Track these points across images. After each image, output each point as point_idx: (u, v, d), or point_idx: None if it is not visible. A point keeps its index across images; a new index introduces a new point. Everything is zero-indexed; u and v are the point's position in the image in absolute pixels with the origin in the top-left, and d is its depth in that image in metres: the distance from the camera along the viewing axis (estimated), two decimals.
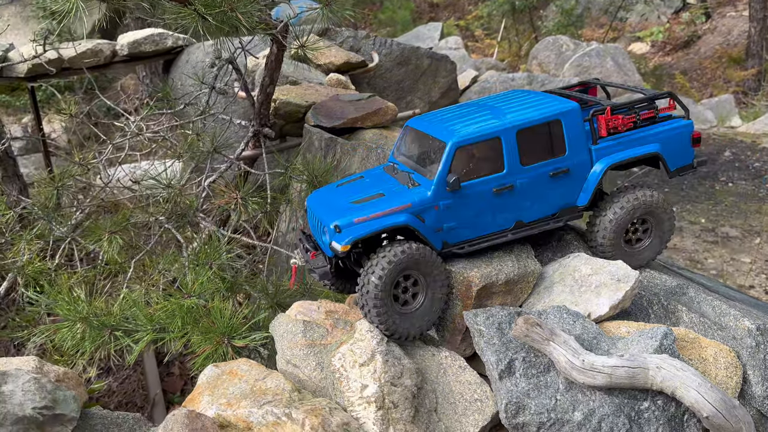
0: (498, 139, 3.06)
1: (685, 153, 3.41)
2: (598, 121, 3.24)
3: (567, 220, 3.30)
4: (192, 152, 6.07)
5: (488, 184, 3.08)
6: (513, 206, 3.16)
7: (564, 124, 3.14)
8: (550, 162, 3.15)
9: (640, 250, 3.41)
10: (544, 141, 3.13)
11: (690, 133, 3.40)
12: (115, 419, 2.71)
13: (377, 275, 2.82)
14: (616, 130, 3.27)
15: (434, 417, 2.78)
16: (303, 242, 3.43)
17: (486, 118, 3.15)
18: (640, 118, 3.31)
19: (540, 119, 3.11)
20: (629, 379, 2.59)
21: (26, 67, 8.12)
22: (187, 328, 3.98)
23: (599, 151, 3.25)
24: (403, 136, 3.50)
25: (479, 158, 3.09)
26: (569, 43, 17.41)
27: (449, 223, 3.08)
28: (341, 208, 3.10)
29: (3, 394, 1.97)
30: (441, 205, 3.04)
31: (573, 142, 3.17)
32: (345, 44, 8.78)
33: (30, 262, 5.34)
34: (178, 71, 9.09)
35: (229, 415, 2.54)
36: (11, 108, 14.86)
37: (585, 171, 3.25)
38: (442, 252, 3.09)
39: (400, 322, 2.92)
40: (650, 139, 3.31)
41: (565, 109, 3.16)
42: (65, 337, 4.19)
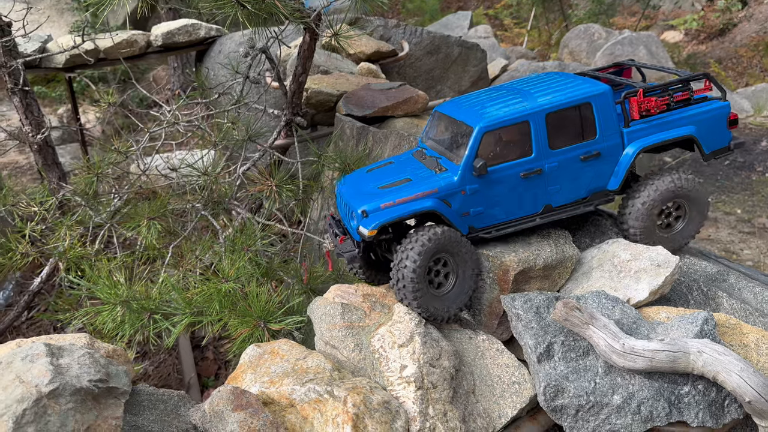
0: (527, 122, 3.04)
1: (721, 135, 3.33)
2: (630, 103, 3.21)
3: (598, 204, 3.26)
4: (226, 141, 6.16)
5: (516, 169, 3.07)
6: (541, 190, 3.13)
7: (594, 106, 3.10)
8: (581, 145, 3.12)
9: (674, 234, 3.36)
10: (574, 124, 3.10)
11: (726, 114, 3.32)
12: (161, 396, 2.78)
13: (412, 259, 2.84)
14: (649, 113, 3.22)
15: (472, 398, 2.80)
16: (332, 227, 3.47)
17: (515, 102, 3.12)
18: (674, 100, 3.25)
19: (570, 102, 3.08)
20: (670, 363, 2.58)
21: (64, 57, 8.30)
22: (224, 312, 4.06)
23: (631, 134, 3.20)
24: (432, 120, 3.49)
25: (507, 142, 3.08)
26: (601, 32, 17.15)
27: (476, 208, 3.08)
28: (369, 193, 3.12)
29: (61, 366, 2.05)
30: (468, 190, 3.04)
31: (604, 125, 3.13)
32: (375, 33, 8.79)
33: (71, 248, 5.48)
34: (210, 61, 9.20)
35: (272, 392, 2.59)
36: (47, 99, 15.20)
37: (617, 154, 3.20)
38: (469, 236, 3.10)
39: (435, 305, 2.95)
40: (684, 121, 3.25)
41: (596, 91, 3.12)
42: (106, 320, 4.30)
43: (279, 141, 6.27)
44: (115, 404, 2.14)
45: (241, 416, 2.35)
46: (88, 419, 2.01)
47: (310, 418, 2.49)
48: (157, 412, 2.66)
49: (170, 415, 2.66)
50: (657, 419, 2.63)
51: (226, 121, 6.27)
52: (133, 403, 2.64)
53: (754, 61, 18.19)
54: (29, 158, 12.23)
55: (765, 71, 17.52)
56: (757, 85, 16.08)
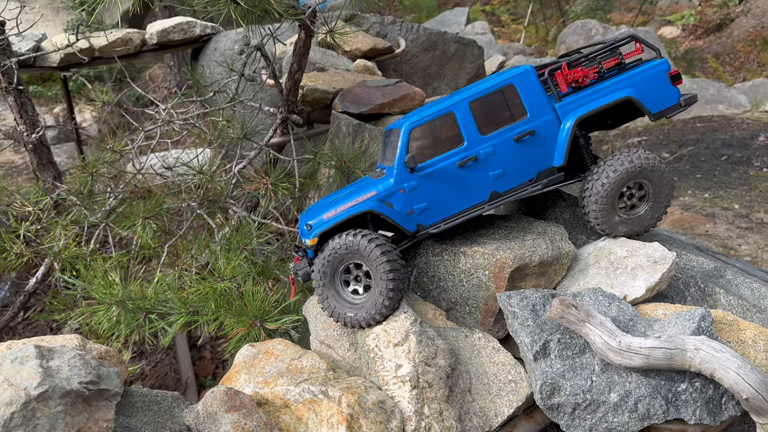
0: (451, 113, 3.12)
1: (665, 93, 3.27)
2: (556, 78, 3.22)
3: (547, 184, 3.22)
4: (222, 139, 6.13)
5: (451, 159, 3.12)
6: (482, 178, 3.16)
7: (518, 87, 3.15)
8: (512, 127, 3.15)
9: (637, 217, 3.26)
10: (500, 108, 3.15)
11: (665, 71, 3.26)
12: (155, 397, 2.76)
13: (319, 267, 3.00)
14: (579, 84, 3.22)
15: (468, 397, 2.78)
16: (294, 253, 3.52)
17: (442, 101, 3.22)
18: (603, 67, 3.23)
19: (490, 87, 3.15)
20: (667, 361, 2.57)
21: (59, 56, 8.26)
22: (220, 311, 4.04)
23: (564, 107, 3.20)
24: (381, 142, 3.59)
25: (438, 136, 3.14)
26: (598, 27, 17.12)
27: (419, 204, 3.12)
28: (317, 209, 3.23)
29: (50, 368, 2.02)
30: (406, 188, 3.10)
31: (532, 103, 3.16)
32: (371, 30, 8.75)
33: (66, 247, 5.45)
34: (206, 59, 9.16)
35: (267, 393, 2.57)
36: (43, 98, 15.14)
37: (554, 130, 3.20)
38: (418, 234, 3.14)
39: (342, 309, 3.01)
40: (620, 85, 3.21)
41: (515, 72, 3.17)
42: (101, 320, 4.28)
43: (275, 139, 6.24)
44: (107, 406, 2.12)
45: (234, 417, 2.33)
46: (78, 422, 1.99)
47: (304, 418, 2.47)
48: (151, 413, 2.64)
49: (164, 416, 2.64)
50: (654, 417, 2.61)
51: (221, 119, 6.23)
52: (126, 405, 2.62)
53: (751, 56, 18.18)
54: (25, 158, 12.18)
55: (762, 66, 17.51)
56: (754, 80, 16.08)
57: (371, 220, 3.17)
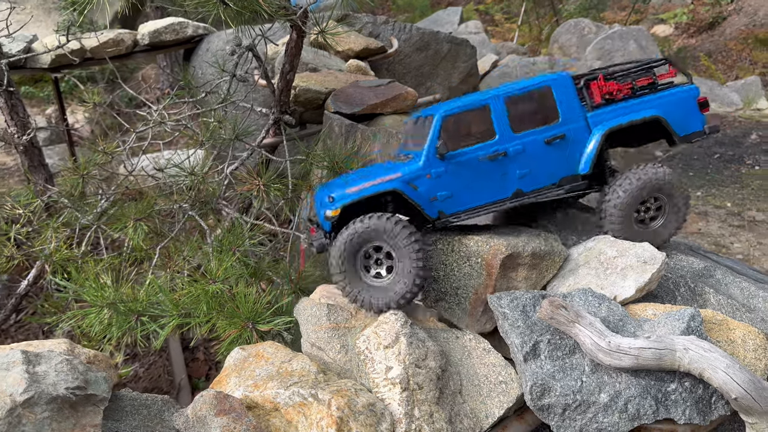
0: (487, 106, 3.16)
1: (692, 119, 3.36)
2: (590, 88, 3.29)
3: (569, 190, 3.29)
4: (214, 140, 6.11)
5: (480, 152, 3.17)
6: (509, 174, 3.21)
7: (554, 90, 3.20)
8: (544, 129, 3.21)
9: (655, 229, 3.35)
10: (535, 108, 3.19)
11: (694, 97, 3.35)
12: (144, 401, 2.75)
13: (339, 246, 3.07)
14: (612, 97, 3.30)
15: (459, 399, 2.78)
16: (308, 226, 3.61)
17: (479, 94, 3.27)
18: (636, 84, 3.31)
19: (528, 87, 3.20)
20: (656, 361, 2.57)
21: (50, 57, 8.22)
22: (212, 313, 4.02)
23: (595, 118, 3.27)
24: (405, 128, 3.64)
25: (470, 127, 3.18)
26: (591, 26, 17.15)
27: (443, 192, 3.16)
28: (338, 184, 3.26)
29: (37, 374, 2.01)
30: (433, 173, 3.14)
31: (566, 109, 3.22)
32: (364, 30, 8.74)
33: (57, 250, 5.42)
34: (198, 60, 9.14)
35: (256, 396, 2.57)
36: (35, 99, 15.06)
37: (583, 138, 3.26)
38: (439, 221, 3.19)
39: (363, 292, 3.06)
40: (650, 104, 3.30)
41: (554, 77, 3.24)
42: (93, 322, 4.25)
43: (267, 140, 6.22)
44: (94, 411, 2.11)
45: (223, 421, 2.32)
46: (64, 427, 1.98)
47: (294, 421, 2.46)
48: (140, 418, 2.63)
49: (153, 420, 2.63)
50: (644, 417, 2.62)
51: (213, 120, 6.21)
52: (115, 409, 2.60)
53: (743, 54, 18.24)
54: (16, 160, 12.12)
55: (754, 64, 17.58)
56: (746, 78, 16.13)
57: (392, 201, 3.22)
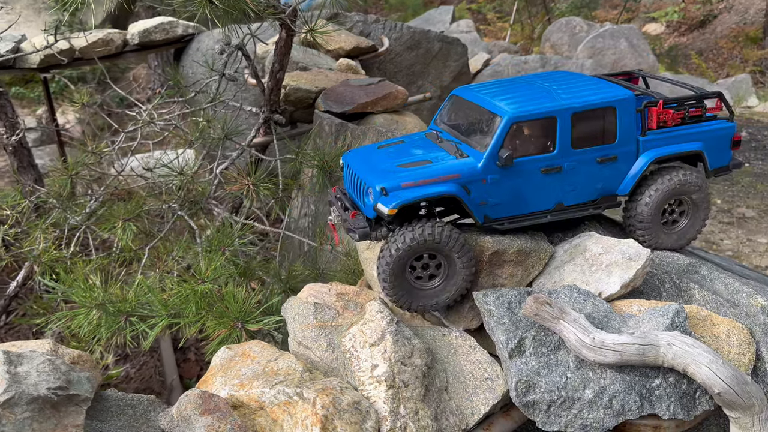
0: (554, 119, 3.05)
1: (724, 154, 3.44)
2: (649, 112, 3.26)
3: (606, 208, 3.31)
4: (203, 140, 6.10)
5: (537, 164, 3.08)
6: (557, 188, 3.16)
7: (618, 111, 3.14)
8: (600, 148, 3.16)
9: (679, 230, 3.42)
10: (597, 126, 3.13)
11: (732, 135, 3.41)
12: (130, 401, 2.75)
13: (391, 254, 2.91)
14: (665, 124, 3.30)
15: (445, 396, 2.79)
16: (341, 200, 3.36)
17: (541, 97, 3.13)
18: (688, 114, 3.33)
19: (597, 104, 3.10)
20: (640, 357, 2.58)
21: (39, 57, 8.18)
22: (201, 313, 4.01)
23: (646, 143, 3.26)
24: (449, 104, 3.47)
25: (531, 136, 3.10)
26: (583, 25, 17.20)
27: (494, 199, 3.07)
28: (387, 170, 3.04)
29: (18, 375, 2.00)
30: (489, 180, 3.03)
31: (624, 131, 3.17)
32: (354, 29, 8.74)
33: (46, 251, 5.40)
34: (188, 59, 9.12)
35: (242, 395, 2.57)
36: (25, 99, 15.00)
37: (630, 160, 3.26)
38: (483, 226, 3.11)
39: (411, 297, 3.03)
40: (695, 136, 3.34)
41: (621, 96, 3.15)
42: (82, 323, 4.24)
43: (258, 139, 6.22)
44: (76, 411, 2.10)
45: (208, 420, 2.32)
46: (45, 428, 1.97)
47: (279, 420, 2.47)
48: (126, 418, 2.62)
49: (139, 420, 2.63)
50: (629, 413, 2.63)
51: (202, 119, 6.20)
52: (100, 410, 2.60)
53: (734, 52, 18.34)
54: (6, 161, 12.07)
55: (745, 62, 17.67)
56: (737, 75, 16.23)
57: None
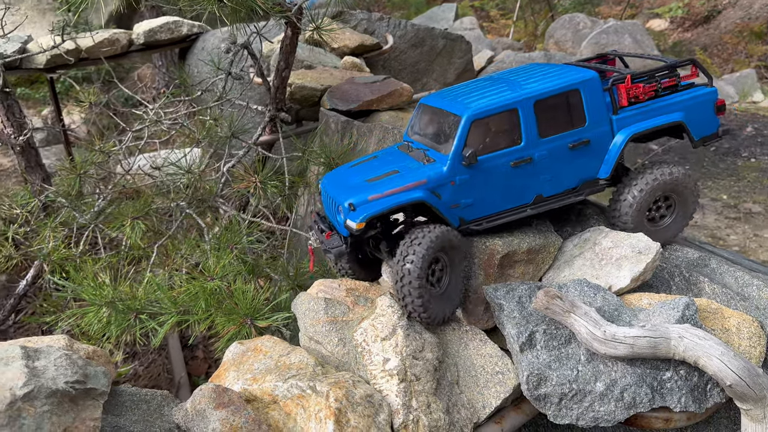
0: (515, 110, 3.00)
1: (709, 122, 3.33)
2: (618, 90, 3.18)
3: (588, 194, 3.24)
4: (210, 138, 6.12)
5: (506, 158, 3.02)
6: (532, 180, 3.10)
7: (583, 93, 3.07)
8: (570, 133, 3.09)
9: (664, 227, 3.36)
10: (562, 111, 3.06)
11: (714, 101, 3.31)
12: (144, 396, 2.76)
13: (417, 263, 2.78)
14: (638, 100, 3.20)
15: (456, 389, 2.80)
16: (318, 223, 3.38)
17: (502, 91, 3.09)
18: (661, 86, 3.23)
19: (558, 89, 3.04)
20: (651, 349, 2.59)
21: (45, 58, 8.22)
22: (210, 310, 4.04)
23: (620, 121, 3.18)
24: (417, 113, 3.44)
25: (496, 131, 3.03)
26: (586, 21, 17.17)
27: (466, 200, 3.03)
28: (355, 186, 3.05)
29: (36, 369, 2.02)
30: (457, 181, 2.98)
31: (593, 112, 3.10)
32: (359, 27, 8.75)
33: (55, 249, 5.44)
34: (193, 58, 9.14)
35: (255, 389, 2.58)
36: (31, 100, 15.05)
37: (606, 142, 3.18)
38: (459, 229, 3.05)
39: (436, 307, 2.91)
40: (673, 107, 3.24)
41: (583, 77, 3.09)
42: (91, 321, 4.26)
43: (264, 137, 6.24)
44: (93, 405, 2.12)
45: (223, 414, 2.34)
46: (65, 421, 1.99)
47: (293, 414, 2.48)
48: (140, 413, 2.64)
49: (153, 415, 2.65)
50: (640, 405, 2.64)
51: (209, 118, 6.22)
52: (115, 404, 2.62)
53: (739, 47, 18.28)
54: (13, 161, 12.11)
55: (750, 57, 17.61)
56: (742, 71, 16.17)
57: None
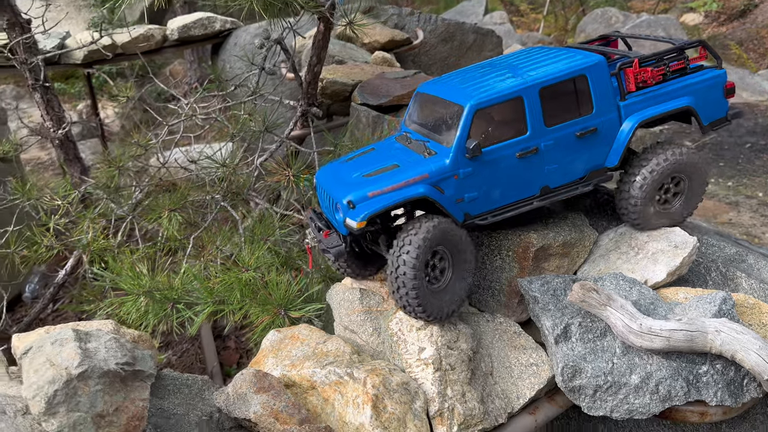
0: (520, 99, 2.84)
1: (718, 105, 3.18)
2: (625, 74, 3.03)
3: (597, 183, 3.09)
4: (243, 132, 6.22)
5: (511, 149, 2.86)
6: (538, 171, 2.94)
7: (590, 78, 2.92)
8: (577, 121, 2.94)
9: (671, 210, 3.19)
10: (569, 99, 2.92)
11: (723, 83, 3.15)
12: (185, 380, 2.85)
13: (412, 254, 2.64)
14: (645, 84, 3.06)
15: (490, 380, 2.83)
16: (315, 221, 3.24)
17: (505, 77, 2.93)
18: (669, 69, 3.09)
19: (564, 75, 2.89)
20: (687, 343, 2.59)
21: (82, 53, 8.42)
22: (245, 301, 4.12)
23: (628, 107, 3.02)
24: (415, 102, 3.26)
25: (500, 121, 2.88)
26: (618, 15, 16.95)
27: (470, 193, 2.87)
28: (353, 182, 2.88)
29: (88, 350, 2.11)
30: (461, 174, 2.82)
31: (600, 99, 2.95)
32: (389, 22, 8.78)
33: (94, 240, 5.58)
34: (226, 54, 9.27)
35: (294, 375, 2.65)
36: (66, 95, 15.41)
37: (614, 129, 3.03)
38: (464, 224, 2.90)
39: (434, 302, 2.78)
40: (682, 92, 3.08)
41: (590, 62, 2.93)
42: (130, 310, 4.38)
43: (295, 132, 6.31)
44: (142, 386, 2.21)
45: (263, 398, 2.41)
46: (116, 400, 2.08)
47: (331, 399, 2.54)
48: (182, 396, 2.73)
49: (194, 398, 2.73)
50: (675, 398, 2.64)
51: (243, 112, 6.32)
52: (158, 387, 2.71)
53: None
54: (50, 154, 12.43)
55: None
56: None
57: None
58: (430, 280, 2.78)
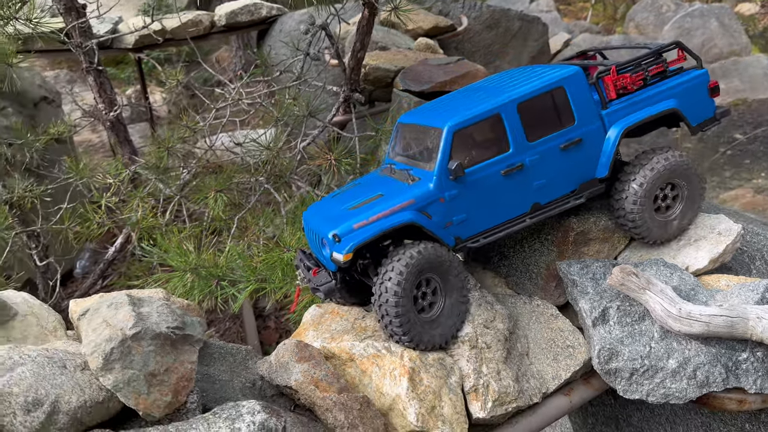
0: (498, 116, 2.82)
1: (705, 105, 3.14)
2: (604, 83, 3.01)
3: (589, 196, 3.04)
4: (287, 117, 6.33)
5: (495, 167, 2.83)
6: (526, 188, 2.91)
7: (568, 90, 2.90)
8: (560, 134, 2.91)
9: (671, 219, 3.10)
10: (549, 112, 2.90)
11: (706, 83, 3.11)
12: (230, 350, 2.97)
13: (394, 281, 2.60)
14: (626, 90, 3.04)
15: (526, 360, 2.87)
16: (304, 261, 3.16)
17: (482, 98, 2.94)
18: (649, 74, 3.06)
19: (541, 89, 2.88)
20: (727, 329, 2.57)
21: (134, 38, 8.67)
22: (286, 279, 4.23)
23: (611, 115, 3.00)
24: (396, 134, 3.26)
25: (481, 140, 2.87)
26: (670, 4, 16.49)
27: (458, 216, 2.83)
28: (338, 216, 2.84)
29: (142, 314, 2.23)
30: (447, 197, 2.78)
31: (581, 109, 2.93)
32: (433, 8, 8.77)
33: (143, 218, 5.78)
34: (272, 40, 9.41)
35: (333, 347, 2.73)
36: (115, 80, 15.86)
37: (599, 139, 3.00)
38: (456, 249, 2.87)
39: (423, 332, 2.69)
40: (664, 95, 3.06)
41: (566, 74, 2.92)
42: (176, 285, 4.55)
43: (338, 117, 6.40)
44: (190, 350, 2.32)
45: (304, 367, 2.50)
46: (167, 361, 2.19)
47: (368, 371, 2.62)
48: (227, 364, 2.85)
49: (239, 366, 2.85)
50: (713, 385, 2.63)
51: (287, 97, 6.43)
52: (204, 355, 2.84)
53: None
54: (101, 137, 12.84)
55: None
56: None
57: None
58: (423, 308, 2.74)
